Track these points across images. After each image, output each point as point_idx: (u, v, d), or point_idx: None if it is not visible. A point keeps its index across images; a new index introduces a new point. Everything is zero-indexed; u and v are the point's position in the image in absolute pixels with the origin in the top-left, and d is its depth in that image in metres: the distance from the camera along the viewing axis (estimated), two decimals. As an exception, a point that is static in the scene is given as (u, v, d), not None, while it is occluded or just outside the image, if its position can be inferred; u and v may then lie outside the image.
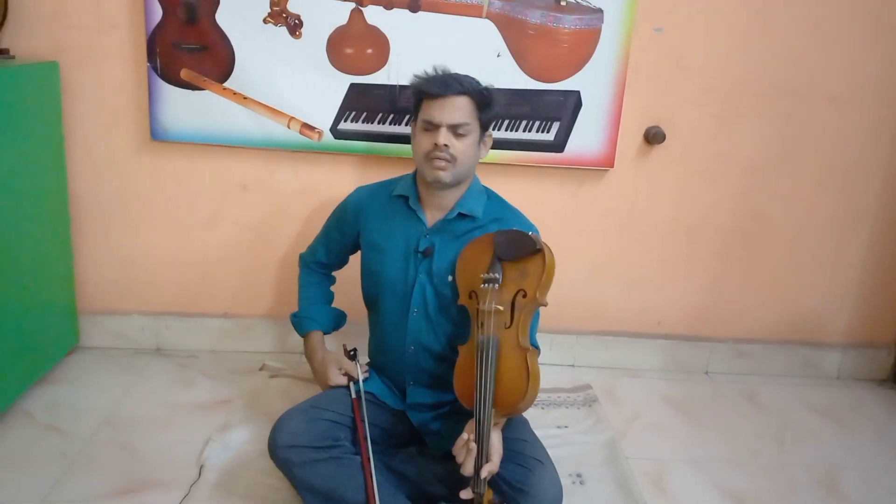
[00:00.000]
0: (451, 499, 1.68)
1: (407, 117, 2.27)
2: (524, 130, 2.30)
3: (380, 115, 2.27)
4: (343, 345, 1.94)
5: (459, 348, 1.71)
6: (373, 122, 2.28)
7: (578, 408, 2.31)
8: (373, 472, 1.64)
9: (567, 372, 2.55)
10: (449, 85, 1.70)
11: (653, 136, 2.35)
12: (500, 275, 1.64)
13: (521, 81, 2.25)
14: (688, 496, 1.95)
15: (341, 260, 2.03)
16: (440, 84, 1.70)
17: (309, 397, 1.83)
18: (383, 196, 1.86)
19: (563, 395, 2.37)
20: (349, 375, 1.85)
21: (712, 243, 2.52)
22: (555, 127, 2.30)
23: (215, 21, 2.18)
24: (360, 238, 1.90)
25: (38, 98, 2.15)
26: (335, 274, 2.07)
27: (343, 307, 2.05)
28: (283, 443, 1.66)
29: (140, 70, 2.24)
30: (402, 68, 2.22)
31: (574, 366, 2.60)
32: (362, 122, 2.28)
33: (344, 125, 2.28)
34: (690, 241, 2.51)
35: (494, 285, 1.64)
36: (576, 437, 2.15)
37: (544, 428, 2.08)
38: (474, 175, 1.82)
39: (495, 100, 1.77)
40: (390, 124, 2.28)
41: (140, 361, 2.43)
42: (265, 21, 2.19)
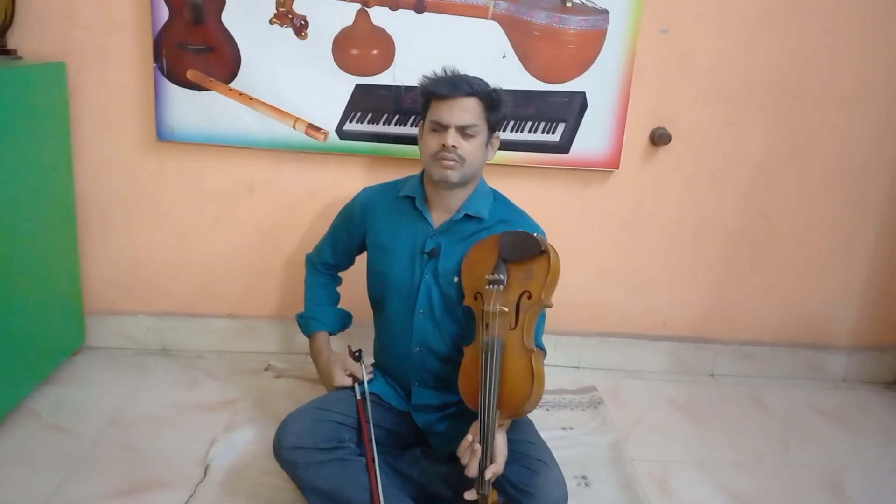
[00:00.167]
0: (455, 500, 1.67)
1: (413, 118, 2.27)
2: (529, 131, 2.30)
3: (385, 115, 2.27)
4: (348, 346, 1.94)
5: (464, 349, 1.71)
6: (378, 123, 2.28)
7: (583, 409, 2.31)
8: (377, 474, 1.64)
9: (572, 373, 2.55)
10: (458, 86, 1.70)
11: (658, 138, 2.34)
12: (505, 276, 1.64)
13: (527, 82, 2.25)
14: (693, 498, 1.95)
15: (348, 260, 2.03)
16: (449, 85, 1.70)
17: (314, 398, 1.83)
18: (390, 197, 1.86)
19: (568, 397, 2.37)
20: (354, 376, 1.85)
21: (718, 245, 2.51)
22: (560, 128, 2.30)
23: (221, 22, 2.19)
24: (367, 238, 1.90)
25: (45, 98, 2.16)
26: (341, 275, 2.07)
27: (348, 308, 2.05)
28: (287, 444, 1.66)
29: (146, 71, 2.25)
30: (408, 69, 2.22)
31: (579, 367, 2.59)
32: (368, 122, 2.28)
33: (349, 126, 2.29)
34: (696, 242, 2.50)
35: (499, 286, 1.63)
36: (581, 438, 2.15)
37: (549, 429, 2.07)
38: (481, 176, 1.82)
39: (504, 101, 1.77)
40: (396, 125, 2.28)
41: (146, 362, 2.44)
42: (271, 22, 2.19)
